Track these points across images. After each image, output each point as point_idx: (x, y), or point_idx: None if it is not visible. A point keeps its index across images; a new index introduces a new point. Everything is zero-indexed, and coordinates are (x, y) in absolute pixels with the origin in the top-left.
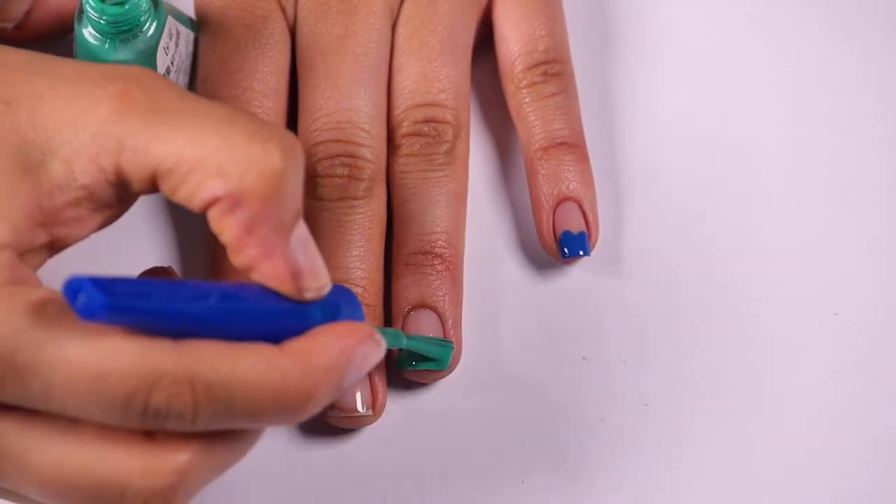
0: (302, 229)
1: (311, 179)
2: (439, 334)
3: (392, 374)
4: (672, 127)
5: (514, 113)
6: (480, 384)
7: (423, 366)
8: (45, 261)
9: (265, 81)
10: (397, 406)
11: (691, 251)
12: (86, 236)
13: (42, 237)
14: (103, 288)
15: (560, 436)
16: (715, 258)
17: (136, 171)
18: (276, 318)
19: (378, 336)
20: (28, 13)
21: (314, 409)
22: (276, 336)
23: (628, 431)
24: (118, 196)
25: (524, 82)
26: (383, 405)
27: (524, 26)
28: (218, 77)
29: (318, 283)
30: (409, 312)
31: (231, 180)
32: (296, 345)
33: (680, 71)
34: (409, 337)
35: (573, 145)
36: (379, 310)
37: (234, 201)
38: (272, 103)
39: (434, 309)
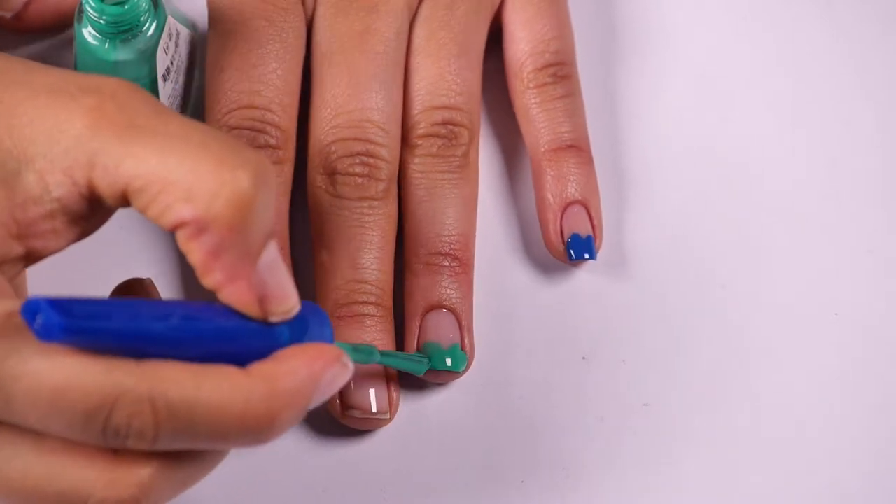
0: (271, 253)
1: (330, 176)
2: (456, 335)
3: (398, 374)
4: (673, 130)
5: (520, 113)
6: (481, 384)
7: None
8: (20, 271)
9: (285, 78)
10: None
11: (691, 252)
12: (62, 248)
13: (17, 249)
14: (60, 309)
15: (560, 436)
16: (715, 259)
17: (107, 187)
18: (242, 338)
19: (346, 358)
20: (28, 4)
21: (278, 432)
22: (242, 357)
23: (628, 431)
24: (92, 209)
25: (533, 83)
26: (397, 407)
27: (535, 26)
28: (238, 69)
29: (284, 306)
30: (426, 313)
31: (198, 205)
32: (262, 367)
33: (682, 74)
34: (382, 353)
35: (580, 148)
36: (391, 312)
37: (200, 226)
38: (290, 100)
39: (451, 309)
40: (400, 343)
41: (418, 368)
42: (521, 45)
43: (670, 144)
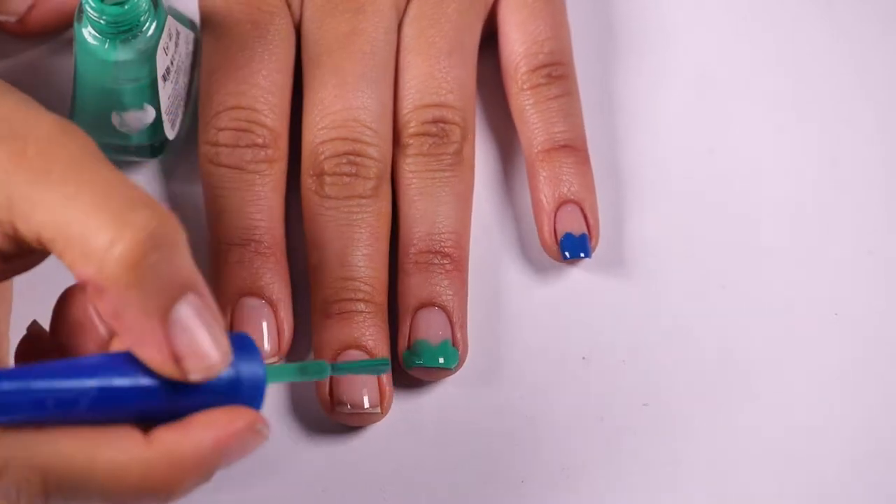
0: (188, 306)
1: (318, 177)
2: (447, 332)
3: (393, 372)
4: (672, 129)
5: (516, 114)
6: (480, 384)
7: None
8: None
9: (270, 77)
10: (397, 405)
11: (691, 252)
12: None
13: None
14: None
15: (560, 436)
16: (715, 258)
17: (25, 233)
18: (155, 402)
19: (261, 425)
20: (30, 8)
21: (178, 497)
22: (160, 411)
23: (628, 431)
24: (20, 249)
25: (528, 84)
26: (390, 402)
27: (529, 27)
28: (225, 72)
29: (203, 365)
30: (417, 311)
31: (92, 265)
32: (165, 436)
33: (681, 73)
34: (334, 366)
35: (575, 148)
36: (384, 309)
37: (97, 286)
38: (277, 99)
39: (442, 307)
40: (393, 341)
41: (379, 369)
42: (516, 46)
43: (669, 144)
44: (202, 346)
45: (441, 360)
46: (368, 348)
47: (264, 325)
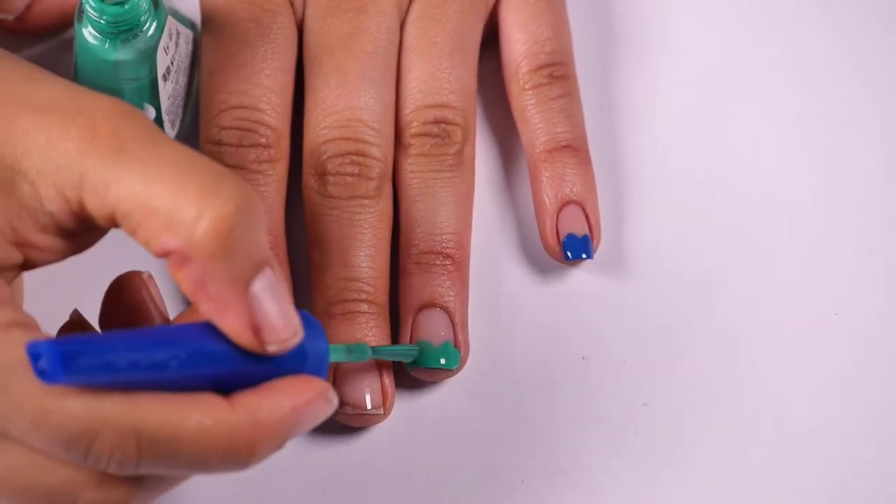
0: (264, 281)
1: (321, 177)
2: (449, 333)
3: (394, 373)
4: (673, 129)
5: (517, 114)
6: (481, 384)
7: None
8: (16, 276)
9: (273, 77)
10: (398, 406)
11: (691, 252)
12: (56, 261)
13: (15, 255)
14: (62, 357)
15: (560, 436)
16: (715, 258)
17: (96, 209)
18: (235, 367)
19: (331, 394)
20: (29, 6)
21: (257, 461)
22: (235, 381)
23: (628, 431)
24: (84, 227)
25: (529, 84)
26: (392, 403)
27: (531, 27)
28: (226, 70)
29: (280, 336)
30: (418, 311)
31: (180, 235)
32: (246, 400)
33: (681, 73)
34: (374, 349)
35: (576, 148)
36: (386, 309)
37: (182, 256)
38: (280, 99)
39: (444, 308)
40: (394, 342)
41: (409, 356)
42: (517, 46)
43: (670, 144)
44: (279, 319)
45: (443, 361)
46: None
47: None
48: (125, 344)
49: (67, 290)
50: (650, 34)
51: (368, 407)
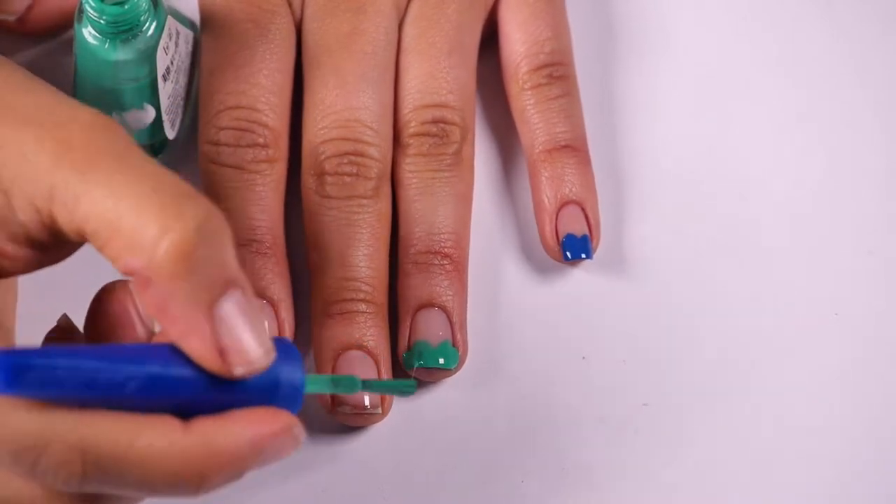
0: (232, 301)
1: (319, 177)
2: (447, 333)
3: (394, 372)
4: (673, 129)
5: (516, 114)
6: (481, 384)
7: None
8: None
9: (272, 77)
10: (397, 406)
11: (691, 252)
12: (27, 272)
13: None
14: (11, 370)
15: (560, 435)
16: (715, 259)
17: (66, 223)
18: (198, 394)
19: (298, 429)
20: (30, 7)
21: (209, 490)
22: (196, 406)
23: (628, 431)
24: (55, 240)
25: (528, 84)
26: (391, 402)
27: (530, 27)
28: (225, 71)
29: (248, 358)
30: (417, 311)
31: (142, 255)
32: (204, 426)
33: (681, 73)
34: (365, 382)
35: (576, 148)
36: (385, 309)
37: (142, 279)
38: (278, 99)
39: (443, 308)
40: (393, 342)
41: (406, 391)
42: (517, 46)
43: (670, 144)
44: (246, 342)
45: (441, 361)
46: (369, 348)
47: (265, 325)
48: (83, 360)
49: (66, 293)
50: (650, 34)
51: (367, 406)
